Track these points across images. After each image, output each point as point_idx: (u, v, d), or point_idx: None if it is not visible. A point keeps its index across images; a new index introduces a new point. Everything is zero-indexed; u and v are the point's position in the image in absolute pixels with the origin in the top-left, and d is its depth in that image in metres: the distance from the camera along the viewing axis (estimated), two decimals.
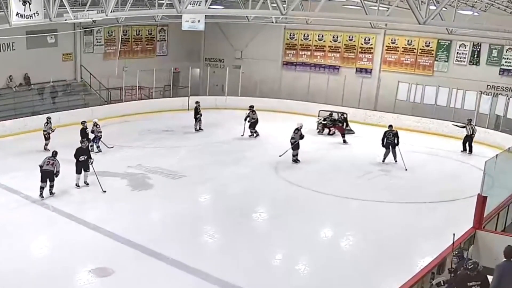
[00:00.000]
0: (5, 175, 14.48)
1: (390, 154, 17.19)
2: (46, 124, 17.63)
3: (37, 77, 22.05)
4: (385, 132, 17.35)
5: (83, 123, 17.04)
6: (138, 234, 11.05)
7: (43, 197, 12.94)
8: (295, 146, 16.79)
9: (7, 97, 21.04)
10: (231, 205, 13.23)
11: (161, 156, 17.32)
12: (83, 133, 16.52)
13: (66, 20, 15.29)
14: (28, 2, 13.85)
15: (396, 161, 17.10)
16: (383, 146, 17.27)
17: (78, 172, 13.88)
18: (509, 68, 22.00)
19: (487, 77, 22.27)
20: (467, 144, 19.03)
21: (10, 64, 20.91)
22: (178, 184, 14.75)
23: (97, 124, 17.45)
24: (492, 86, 22.25)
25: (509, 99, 21.07)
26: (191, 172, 15.65)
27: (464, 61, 23.07)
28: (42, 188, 13.00)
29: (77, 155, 13.91)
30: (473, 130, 19.00)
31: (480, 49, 22.59)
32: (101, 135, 17.42)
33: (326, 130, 21.23)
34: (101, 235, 11.03)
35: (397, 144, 17.10)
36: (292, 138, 16.84)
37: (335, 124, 21.16)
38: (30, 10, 14.00)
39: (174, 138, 19.85)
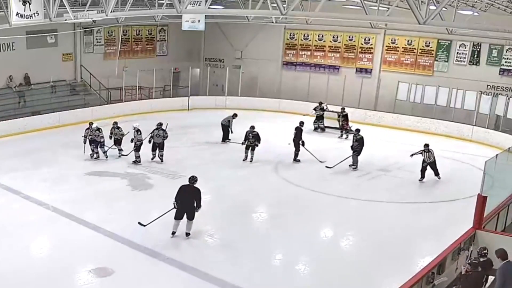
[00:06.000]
0: (5, 175, 14.48)
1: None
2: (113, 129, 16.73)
3: (37, 77, 22.04)
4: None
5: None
6: (138, 234, 11.04)
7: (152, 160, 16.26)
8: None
9: (7, 97, 21.07)
10: (231, 205, 13.23)
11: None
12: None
13: (66, 20, 15.29)
14: (28, 2, 13.85)
15: (352, 167, 16.37)
16: (351, 148, 16.59)
17: (177, 217, 10.98)
18: (509, 68, 22.00)
19: (487, 77, 22.26)
20: (426, 171, 15.70)
21: (10, 64, 20.89)
22: (178, 184, 14.59)
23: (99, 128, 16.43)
24: (492, 86, 22.24)
25: (509, 99, 21.06)
26: (190, 172, 15.48)
27: (464, 61, 23.07)
28: (154, 155, 16.32)
29: (180, 196, 10.99)
30: (431, 156, 15.60)
31: (480, 49, 22.59)
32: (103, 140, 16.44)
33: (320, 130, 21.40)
34: (101, 235, 11.02)
35: (359, 151, 16.27)
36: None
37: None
38: (30, 10, 13.99)
39: (174, 138, 19.80)
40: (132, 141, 16.15)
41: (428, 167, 15.61)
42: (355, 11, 20.23)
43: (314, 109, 22.09)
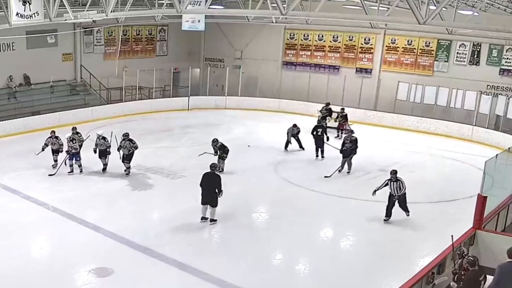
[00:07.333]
0: (5, 175, 14.49)
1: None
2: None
3: (37, 77, 22.05)
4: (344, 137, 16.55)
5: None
6: (138, 234, 11.05)
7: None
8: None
9: (7, 97, 21.07)
10: (231, 205, 13.20)
11: (161, 156, 17.32)
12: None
13: (66, 20, 15.31)
14: (28, 2, 13.87)
15: (347, 171, 15.97)
16: (340, 152, 16.02)
17: (202, 202, 11.77)
18: (509, 68, 21.98)
19: (487, 77, 22.25)
20: (393, 208, 12.24)
21: (10, 64, 20.91)
22: (177, 184, 14.76)
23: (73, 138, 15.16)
24: (492, 86, 22.23)
25: (509, 99, 21.06)
26: (190, 172, 15.62)
27: (464, 61, 23.07)
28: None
29: (203, 183, 11.75)
30: (401, 186, 12.03)
31: (480, 49, 22.58)
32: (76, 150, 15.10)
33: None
34: (101, 235, 11.03)
35: (355, 153, 15.82)
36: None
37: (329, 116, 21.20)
38: (30, 10, 14.01)
39: (174, 138, 19.87)
40: (95, 151, 15.17)
41: (396, 203, 12.21)
42: (355, 11, 20.22)
43: (320, 110, 21.86)
